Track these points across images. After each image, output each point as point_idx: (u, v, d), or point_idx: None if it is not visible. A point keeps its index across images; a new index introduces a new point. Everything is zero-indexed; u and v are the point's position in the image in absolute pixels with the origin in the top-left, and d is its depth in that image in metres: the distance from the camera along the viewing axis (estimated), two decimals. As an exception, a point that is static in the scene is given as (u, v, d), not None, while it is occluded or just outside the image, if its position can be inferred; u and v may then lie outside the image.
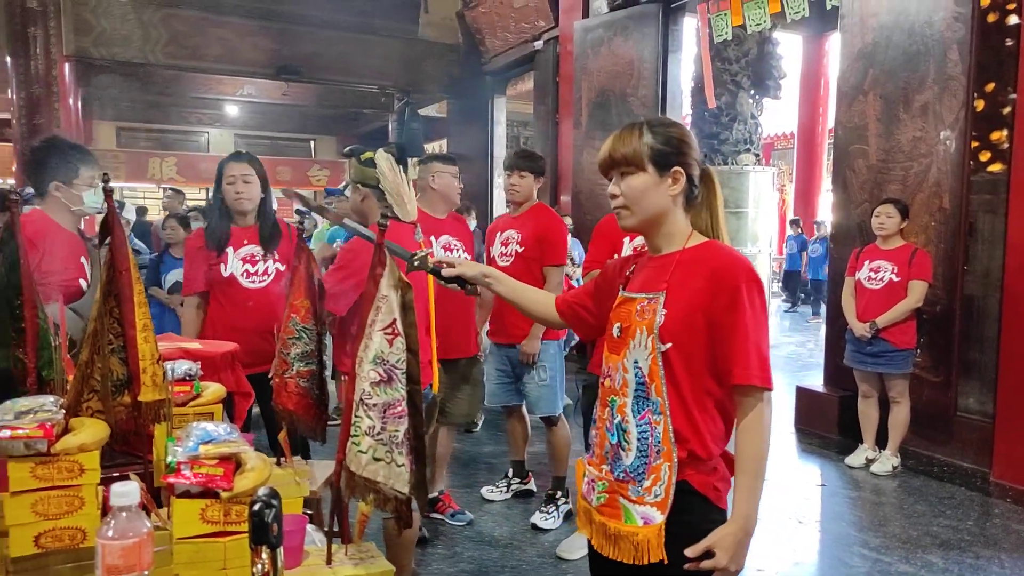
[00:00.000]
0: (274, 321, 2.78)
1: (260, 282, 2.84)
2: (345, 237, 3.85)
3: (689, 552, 1.37)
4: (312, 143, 18.82)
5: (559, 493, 3.56)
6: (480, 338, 3.51)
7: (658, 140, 1.49)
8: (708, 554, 1.37)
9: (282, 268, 2.85)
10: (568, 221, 3.84)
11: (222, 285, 2.82)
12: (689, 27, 7.01)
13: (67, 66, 8.67)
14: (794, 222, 12.13)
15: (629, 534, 1.44)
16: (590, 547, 1.57)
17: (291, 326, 1.69)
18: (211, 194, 3.04)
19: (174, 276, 5.09)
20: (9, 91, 8.40)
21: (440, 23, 10.94)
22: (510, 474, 3.90)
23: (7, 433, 1.09)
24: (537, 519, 3.50)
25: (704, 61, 6.20)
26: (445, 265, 1.51)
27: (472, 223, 6.48)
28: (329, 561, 1.18)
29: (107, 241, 1.32)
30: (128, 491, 0.90)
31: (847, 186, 4.95)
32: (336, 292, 2.43)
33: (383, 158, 1.91)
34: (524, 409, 3.71)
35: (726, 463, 1.49)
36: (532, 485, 3.92)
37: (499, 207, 10.57)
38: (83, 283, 2.49)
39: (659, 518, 1.40)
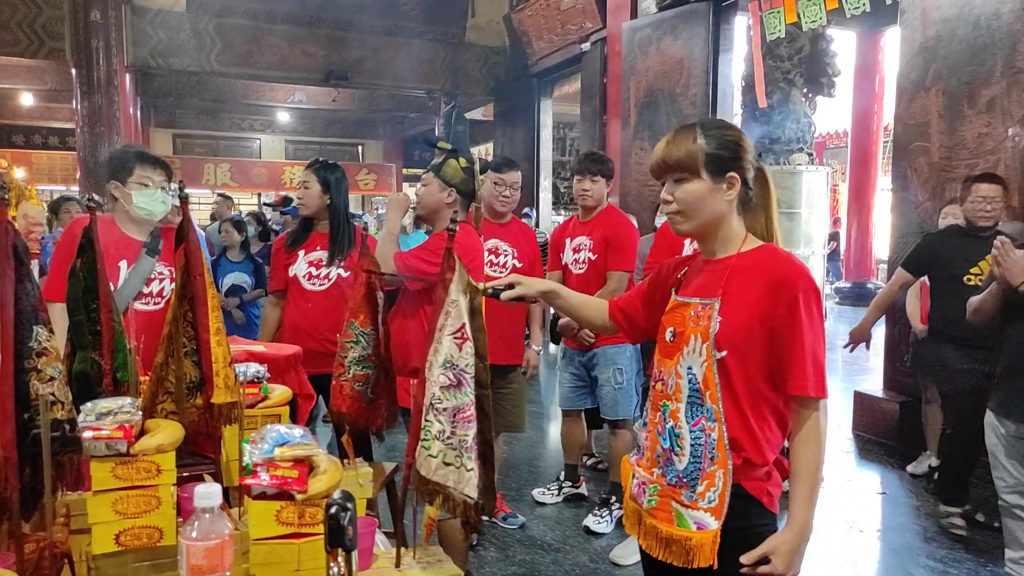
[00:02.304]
0: (330, 325, 2.85)
1: (320, 285, 2.90)
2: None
3: (745, 559, 1.36)
4: (360, 148, 19.08)
5: (614, 498, 3.52)
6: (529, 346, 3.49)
7: (712, 144, 1.46)
8: (763, 560, 1.36)
9: (345, 275, 2.89)
10: (633, 219, 3.77)
11: (290, 285, 2.96)
12: (740, 25, 6.90)
13: (127, 76, 8.96)
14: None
15: (681, 538, 1.43)
16: (640, 547, 1.56)
17: (349, 330, 1.71)
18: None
19: (231, 280, 5.22)
20: (73, 101, 8.73)
21: (486, 26, 11.00)
22: (562, 477, 3.87)
23: (90, 434, 1.12)
24: (590, 522, 3.48)
25: (755, 59, 6.09)
26: (505, 287, 1.49)
27: None
28: (398, 564, 1.18)
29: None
30: (211, 492, 0.92)
31: (907, 185, 4.80)
32: (411, 264, 2.47)
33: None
34: (583, 415, 3.69)
35: (779, 468, 1.46)
36: (584, 489, 3.90)
37: (545, 210, 10.56)
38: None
39: (714, 524, 1.39)
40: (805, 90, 7.93)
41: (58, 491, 1.12)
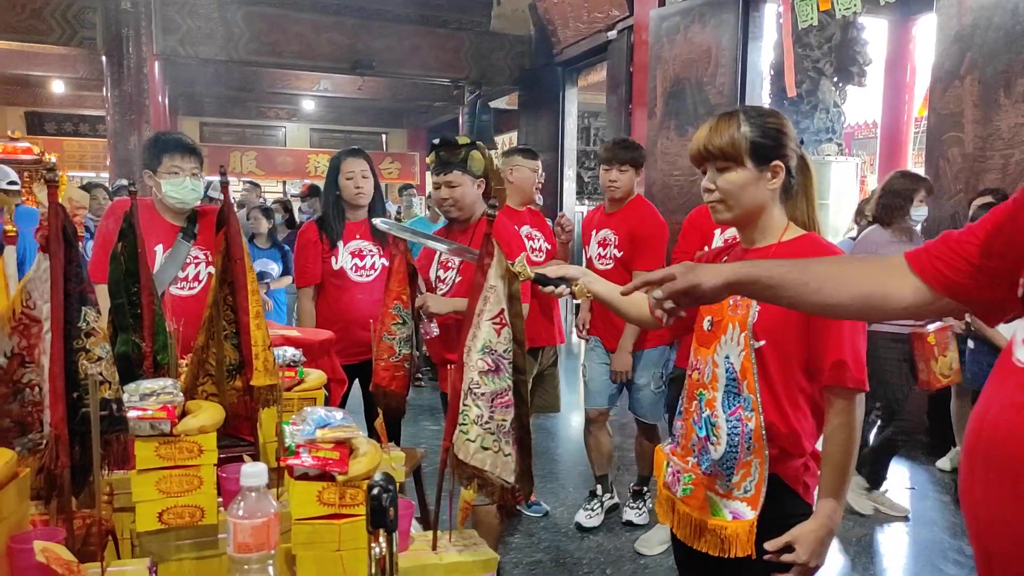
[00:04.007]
0: (374, 313, 2.86)
1: (367, 276, 2.90)
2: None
3: (769, 545, 1.36)
4: (384, 137, 19.12)
5: (645, 488, 3.51)
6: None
7: (756, 132, 1.44)
8: (788, 548, 1.36)
9: (386, 263, 2.89)
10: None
11: (332, 277, 2.89)
12: (769, 13, 6.80)
13: (156, 64, 9.05)
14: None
15: (716, 527, 1.43)
16: (672, 534, 1.56)
17: (394, 312, 1.73)
18: (323, 188, 3.08)
19: (258, 266, 5.28)
20: (104, 89, 8.84)
21: (512, 15, 10.95)
22: (599, 492, 3.55)
23: (135, 414, 1.14)
24: (631, 515, 3.46)
25: (786, 48, 6.00)
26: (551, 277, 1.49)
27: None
28: (434, 547, 1.19)
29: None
30: (257, 472, 0.93)
31: (940, 176, 4.72)
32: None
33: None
34: (608, 421, 3.48)
35: (814, 460, 1.46)
36: (616, 496, 3.69)
37: (569, 200, 10.52)
38: None
39: (750, 515, 1.39)
40: (835, 79, 7.83)
41: (104, 469, 1.15)
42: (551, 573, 3.02)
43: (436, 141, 2.56)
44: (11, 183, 5.32)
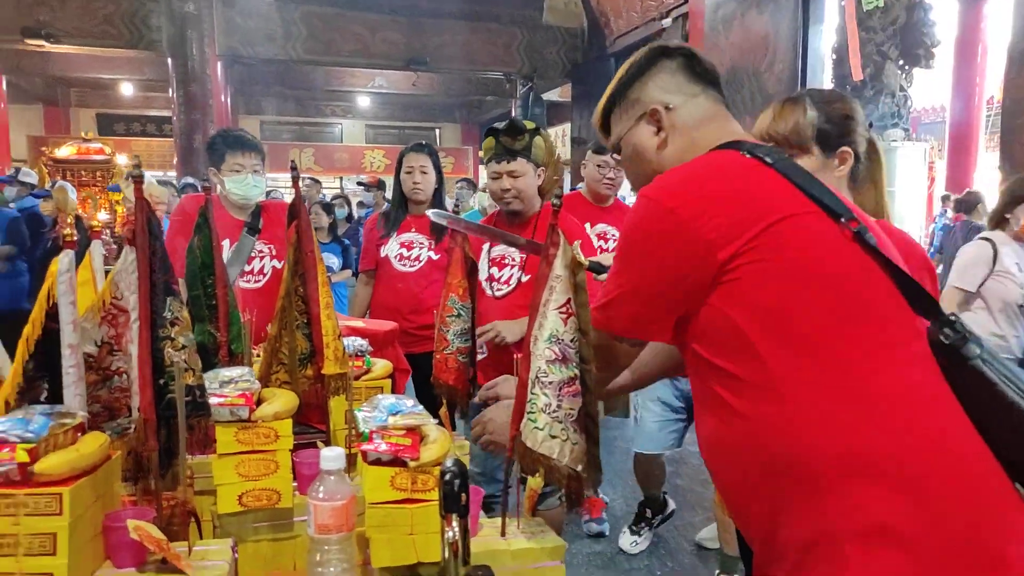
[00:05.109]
0: (413, 307, 2.90)
1: (411, 266, 2.95)
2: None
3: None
4: (437, 131, 19.29)
5: (649, 511, 3.19)
6: None
7: (823, 118, 1.41)
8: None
9: (435, 257, 2.93)
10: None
11: (379, 266, 3.01)
12: (831, -4, 6.62)
13: (218, 65, 9.32)
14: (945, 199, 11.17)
15: None
16: (738, 530, 1.54)
17: (450, 304, 1.75)
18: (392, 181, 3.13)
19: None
20: (169, 90, 9.15)
21: (564, 8, 10.91)
22: (649, 514, 3.18)
23: (215, 400, 1.19)
24: (625, 544, 3.12)
25: (850, 31, 5.83)
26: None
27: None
28: (503, 533, 1.21)
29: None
30: (336, 456, 0.96)
31: (1015, 161, 4.52)
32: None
33: None
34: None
35: None
36: (672, 503, 3.32)
37: (623, 192, 10.44)
38: None
39: None
40: (901, 62, 7.55)
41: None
42: None
43: (499, 126, 2.33)
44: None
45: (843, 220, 0.98)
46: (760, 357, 0.94)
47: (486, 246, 2.43)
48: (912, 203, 7.37)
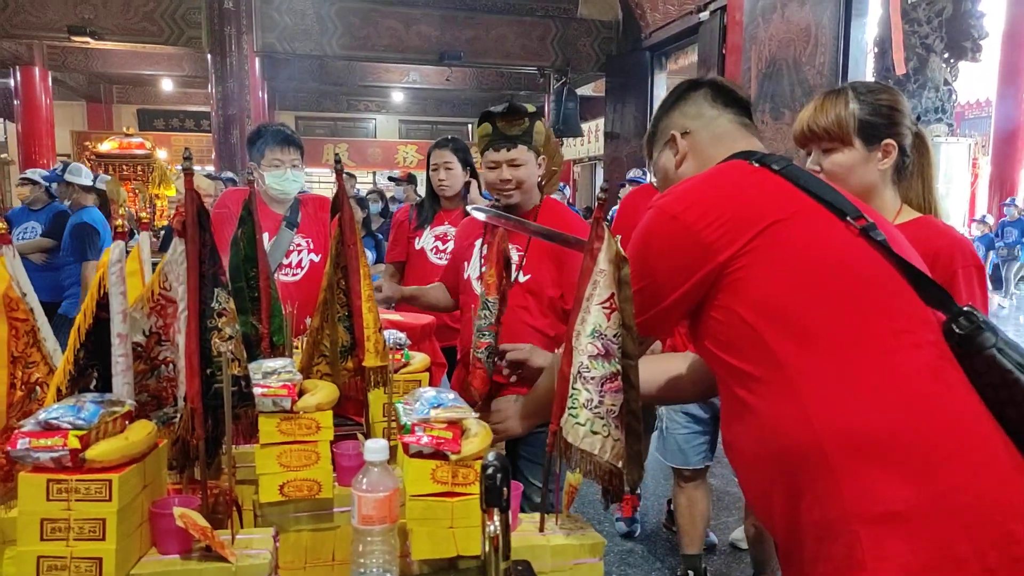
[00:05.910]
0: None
1: (447, 259, 2.96)
2: None
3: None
4: (470, 126, 19.33)
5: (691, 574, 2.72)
6: None
7: (866, 110, 1.37)
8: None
9: None
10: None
11: (413, 258, 3.01)
12: (875, -12, 6.48)
13: (256, 61, 9.44)
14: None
15: None
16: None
17: (480, 298, 1.74)
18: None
19: (353, 254, 5.44)
20: (208, 86, 9.30)
21: (599, 1, 10.83)
22: None
23: (259, 391, 1.20)
24: None
25: (893, 23, 5.70)
26: None
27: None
28: (542, 528, 1.21)
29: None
30: (380, 447, 0.96)
31: (1067, 157, 4.39)
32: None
33: None
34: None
35: None
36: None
37: (657, 186, 10.35)
38: None
39: None
40: (946, 55, 7.35)
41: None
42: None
43: (495, 109, 2.09)
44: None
45: (849, 218, 1.03)
46: (770, 349, 0.99)
47: (478, 243, 2.24)
48: (955, 200, 7.20)
